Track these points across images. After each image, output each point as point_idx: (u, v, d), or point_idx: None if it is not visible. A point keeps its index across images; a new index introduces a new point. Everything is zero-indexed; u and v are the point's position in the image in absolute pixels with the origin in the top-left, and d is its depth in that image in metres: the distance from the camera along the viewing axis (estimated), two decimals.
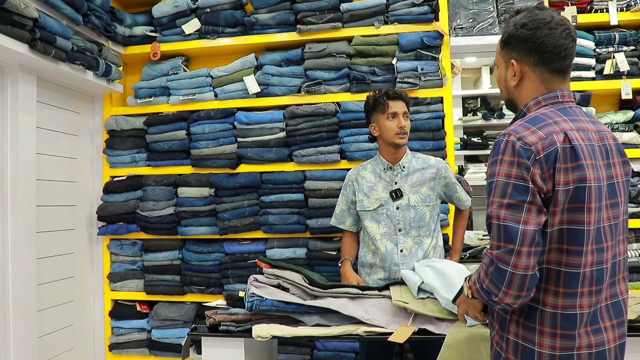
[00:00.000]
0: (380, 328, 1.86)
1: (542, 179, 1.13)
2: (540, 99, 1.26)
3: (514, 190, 1.13)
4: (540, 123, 1.18)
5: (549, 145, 1.13)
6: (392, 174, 2.32)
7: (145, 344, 3.06)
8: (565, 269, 1.15)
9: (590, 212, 1.15)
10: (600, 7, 2.87)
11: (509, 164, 1.14)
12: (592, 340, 1.16)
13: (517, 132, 1.17)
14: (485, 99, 5.54)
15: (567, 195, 1.13)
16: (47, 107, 2.72)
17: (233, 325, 1.95)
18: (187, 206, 2.97)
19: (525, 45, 1.25)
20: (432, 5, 2.78)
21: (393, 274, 2.25)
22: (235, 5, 2.99)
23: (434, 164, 2.35)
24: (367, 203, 2.32)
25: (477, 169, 5.22)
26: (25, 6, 2.17)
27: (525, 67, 1.27)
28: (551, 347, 1.16)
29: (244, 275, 2.88)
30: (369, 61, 2.86)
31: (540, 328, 1.17)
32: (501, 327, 1.27)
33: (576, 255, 1.15)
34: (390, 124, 2.25)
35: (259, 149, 2.91)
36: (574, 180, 1.13)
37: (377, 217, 2.30)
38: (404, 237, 2.27)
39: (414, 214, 2.27)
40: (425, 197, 2.29)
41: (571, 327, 1.15)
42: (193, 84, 3.02)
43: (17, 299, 2.35)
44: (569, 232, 1.15)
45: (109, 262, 3.12)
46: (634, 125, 2.88)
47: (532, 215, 1.11)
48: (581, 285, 1.15)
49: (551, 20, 1.23)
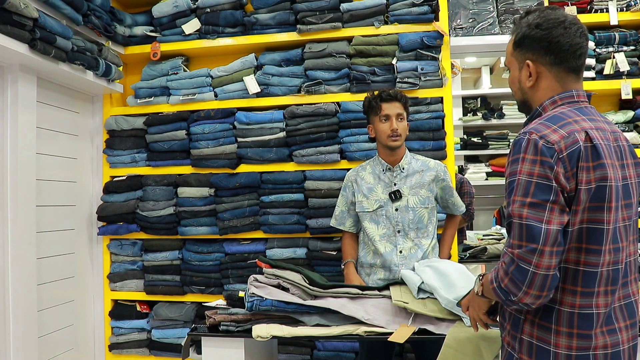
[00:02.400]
0: (380, 328, 1.86)
1: (566, 177, 1.12)
2: (556, 98, 1.26)
3: (536, 189, 1.11)
4: (561, 122, 1.17)
5: (571, 144, 1.13)
6: (391, 175, 2.32)
7: (145, 344, 3.06)
8: (584, 268, 1.15)
9: (610, 212, 1.14)
10: (600, 7, 2.87)
11: (531, 163, 1.13)
12: (608, 341, 1.16)
13: (538, 130, 1.16)
14: (485, 99, 5.54)
15: (589, 194, 1.13)
16: (47, 107, 2.72)
17: (233, 325, 1.95)
18: (187, 206, 2.97)
19: (541, 45, 1.24)
20: (432, 5, 2.78)
21: (393, 274, 2.25)
22: (235, 5, 2.98)
23: (433, 166, 2.35)
24: (366, 204, 2.32)
25: (477, 169, 5.23)
26: (25, 6, 2.17)
27: (540, 67, 1.27)
28: (567, 347, 1.15)
29: (244, 275, 2.87)
30: (369, 61, 2.85)
31: (556, 328, 1.17)
32: (514, 328, 1.25)
33: (595, 254, 1.14)
34: (382, 126, 2.26)
35: (259, 149, 2.91)
36: (596, 179, 1.13)
37: (377, 218, 2.30)
38: (402, 238, 2.27)
39: (413, 216, 2.27)
40: (424, 199, 2.29)
41: (588, 326, 1.15)
42: (193, 84, 3.02)
43: (17, 299, 2.35)
44: (588, 231, 1.14)
45: (109, 262, 3.12)
46: (634, 125, 2.88)
47: (555, 214, 1.10)
48: (598, 285, 1.15)
49: (565, 20, 1.23)
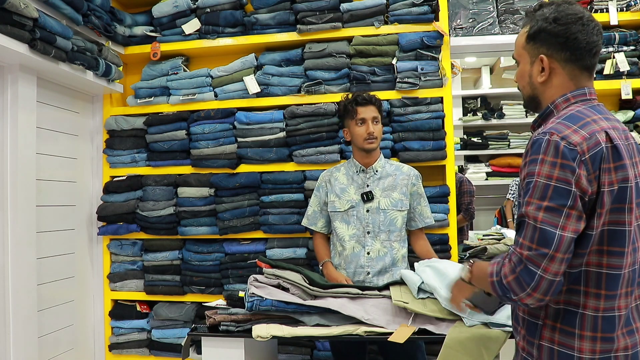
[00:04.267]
0: (380, 328, 1.86)
1: (588, 180, 1.08)
2: (569, 96, 1.22)
3: (554, 193, 1.07)
4: (581, 122, 1.13)
5: (594, 146, 1.09)
6: (364, 177, 2.34)
7: (145, 344, 3.06)
8: (607, 271, 1.12)
9: (631, 212, 1.13)
10: (600, 7, 2.87)
11: (550, 165, 1.09)
12: (628, 342, 1.14)
13: (559, 131, 1.11)
14: (485, 99, 5.55)
15: (612, 196, 1.10)
16: (47, 107, 2.72)
17: (233, 325, 1.95)
18: (187, 206, 2.97)
19: (557, 41, 1.20)
20: (432, 5, 2.78)
21: (357, 275, 2.26)
22: (235, 5, 2.98)
23: (406, 171, 2.37)
24: (338, 204, 2.34)
25: (477, 169, 5.23)
26: (25, 6, 2.17)
27: (555, 63, 1.22)
28: (591, 351, 1.13)
29: (244, 275, 2.87)
30: (369, 61, 2.85)
31: (580, 332, 1.13)
32: (529, 333, 1.22)
33: (618, 256, 1.12)
34: (359, 130, 2.28)
35: (259, 149, 2.91)
36: (618, 181, 1.11)
37: (347, 218, 2.32)
38: (372, 239, 2.28)
39: (384, 218, 2.28)
40: (396, 201, 2.30)
41: (611, 329, 1.13)
42: (193, 84, 3.02)
43: (17, 299, 2.35)
44: (609, 233, 1.12)
45: (109, 262, 3.12)
46: (634, 125, 2.88)
47: (571, 220, 1.07)
48: (621, 287, 1.13)
49: (583, 16, 1.19)
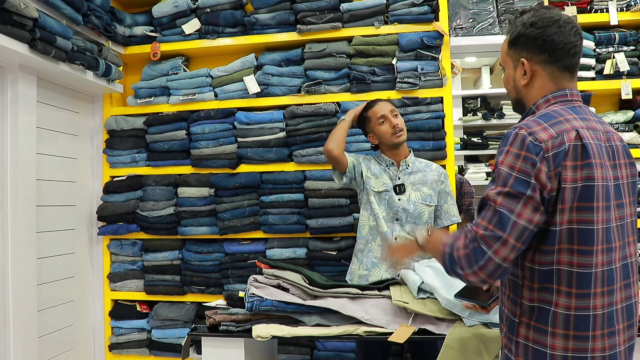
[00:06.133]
0: (380, 328, 1.86)
1: (548, 176, 1.12)
2: (549, 97, 1.26)
3: (515, 182, 1.13)
4: (552, 120, 1.18)
5: (559, 145, 1.13)
6: (395, 170, 2.35)
7: (145, 344, 3.06)
8: (578, 270, 1.15)
9: (598, 212, 1.14)
10: (600, 7, 2.87)
11: (514, 156, 1.15)
12: (607, 344, 1.15)
13: (528, 126, 1.17)
14: (485, 99, 5.54)
15: (575, 193, 1.13)
16: (47, 107, 2.72)
17: (233, 325, 1.95)
18: (187, 206, 2.97)
19: (535, 44, 1.25)
20: (432, 5, 2.78)
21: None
22: (235, 5, 2.98)
23: (435, 168, 2.41)
24: (374, 183, 2.34)
25: (477, 169, 5.23)
26: (25, 6, 2.17)
27: (535, 66, 1.27)
28: (564, 348, 1.15)
29: (244, 275, 2.87)
30: (369, 61, 2.85)
31: (552, 330, 1.16)
32: (509, 330, 1.26)
33: (587, 255, 1.14)
34: (383, 127, 2.30)
35: (259, 149, 2.91)
36: (582, 179, 1.13)
37: (379, 200, 2.33)
38: (400, 227, 2.30)
39: (413, 209, 2.30)
40: (426, 196, 2.32)
41: (584, 328, 1.14)
42: (193, 84, 3.02)
43: (17, 299, 2.35)
44: (578, 231, 1.14)
45: (109, 262, 3.12)
46: (634, 125, 2.87)
47: (527, 209, 1.11)
48: (594, 286, 1.15)
49: (559, 19, 1.24)
